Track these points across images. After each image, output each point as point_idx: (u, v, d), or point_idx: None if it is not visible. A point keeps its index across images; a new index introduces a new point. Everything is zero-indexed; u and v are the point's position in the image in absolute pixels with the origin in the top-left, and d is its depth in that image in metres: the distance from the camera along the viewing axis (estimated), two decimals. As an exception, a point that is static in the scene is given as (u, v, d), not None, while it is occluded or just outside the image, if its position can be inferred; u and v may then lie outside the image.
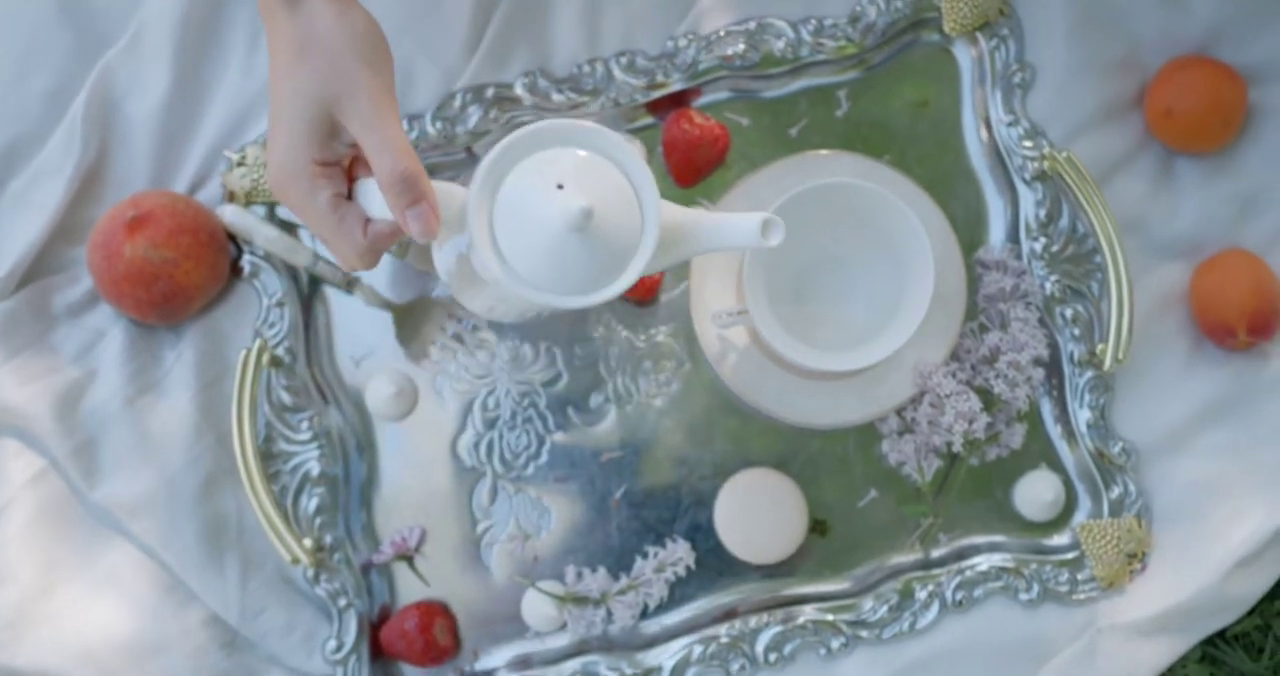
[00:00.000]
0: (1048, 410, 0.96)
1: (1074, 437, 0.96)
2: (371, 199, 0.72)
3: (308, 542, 0.92)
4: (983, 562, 0.95)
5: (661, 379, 0.96)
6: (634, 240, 0.70)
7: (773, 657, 0.93)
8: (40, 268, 0.94)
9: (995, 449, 0.95)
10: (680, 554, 0.94)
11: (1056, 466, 0.96)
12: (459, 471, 0.95)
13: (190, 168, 0.96)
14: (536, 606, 0.93)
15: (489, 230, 0.70)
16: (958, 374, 0.94)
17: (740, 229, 0.72)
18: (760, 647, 0.93)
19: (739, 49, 0.96)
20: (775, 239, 0.72)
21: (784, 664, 0.93)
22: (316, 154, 0.72)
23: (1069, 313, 0.96)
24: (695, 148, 0.95)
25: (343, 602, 0.93)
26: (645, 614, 0.94)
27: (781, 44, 0.97)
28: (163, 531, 0.91)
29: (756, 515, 0.94)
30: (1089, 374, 0.95)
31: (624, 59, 0.96)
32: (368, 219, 0.73)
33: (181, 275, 0.91)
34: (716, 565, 0.95)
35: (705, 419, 0.96)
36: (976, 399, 0.93)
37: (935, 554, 0.95)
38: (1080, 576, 0.94)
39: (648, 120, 0.97)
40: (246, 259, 0.95)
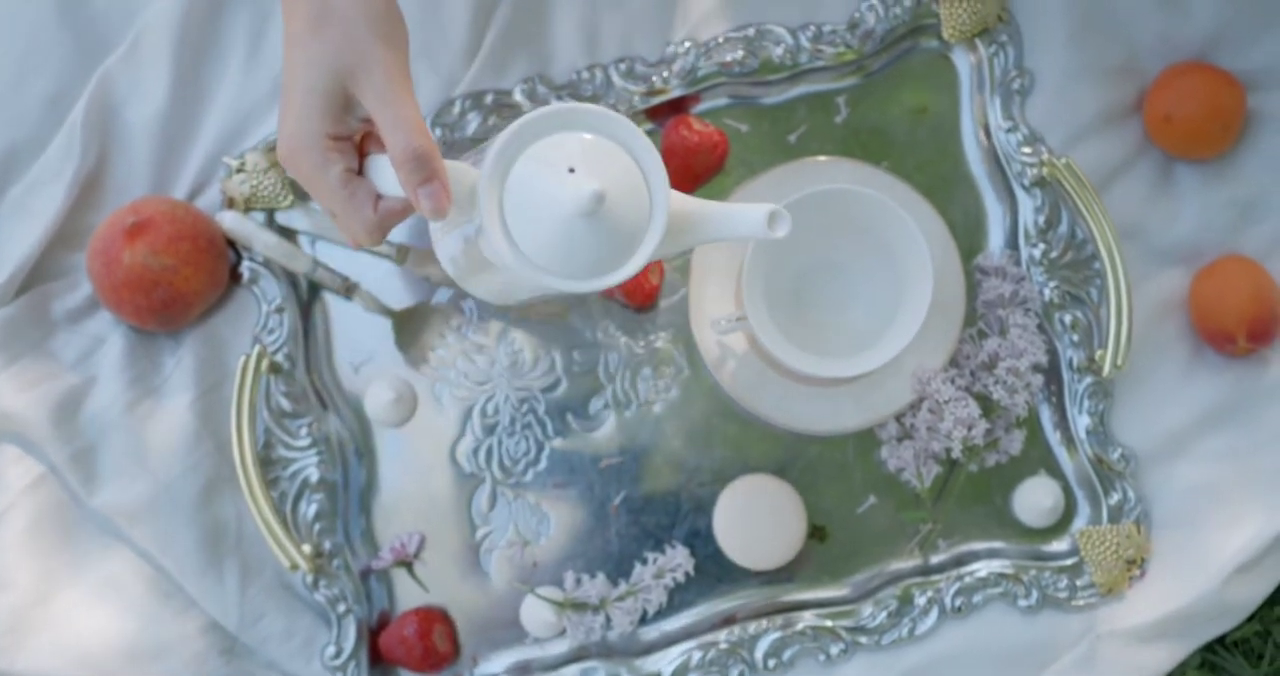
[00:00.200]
0: (1047, 416, 0.96)
1: (1073, 444, 0.96)
2: (383, 175, 0.71)
3: (307, 548, 0.92)
4: (982, 569, 0.94)
5: (660, 385, 0.96)
6: (642, 225, 0.70)
7: (772, 663, 0.93)
8: (40, 274, 0.94)
9: (994, 455, 0.95)
10: (679, 560, 0.94)
11: (1056, 472, 0.96)
12: (458, 477, 0.95)
13: (190, 174, 0.96)
14: (535, 612, 0.93)
15: (499, 213, 0.69)
16: (956, 380, 0.94)
17: (747, 219, 0.72)
18: (759, 653, 0.93)
19: (738, 55, 0.96)
20: (781, 230, 0.71)
21: (783, 670, 0.93)
22: (330, 127, 0.71)
23: (1068, 319, 0.96)
24: (694, 154, 0.95)
25: (342, 608, 0.93)
26: (644, 620, 0.94)
27: (780, 50, 0.97)
28: (162, 537, 0.91)
29: (755, 521, 0.94)
30: (1088, 380, 0.95)
31: (623, 65, 0.96)
32: (378, 195, 0.72)
33: (181, 281, 0.91)
34: (715, 571, 0.95)
35: (704, 425, 0.96)
36: (975, 405, 0.93)
37: (934, 560, 0.95)
38: (1079, 582, 0.94)
39: (647, 126, 0.97)
40: (246, 265, 0.95)
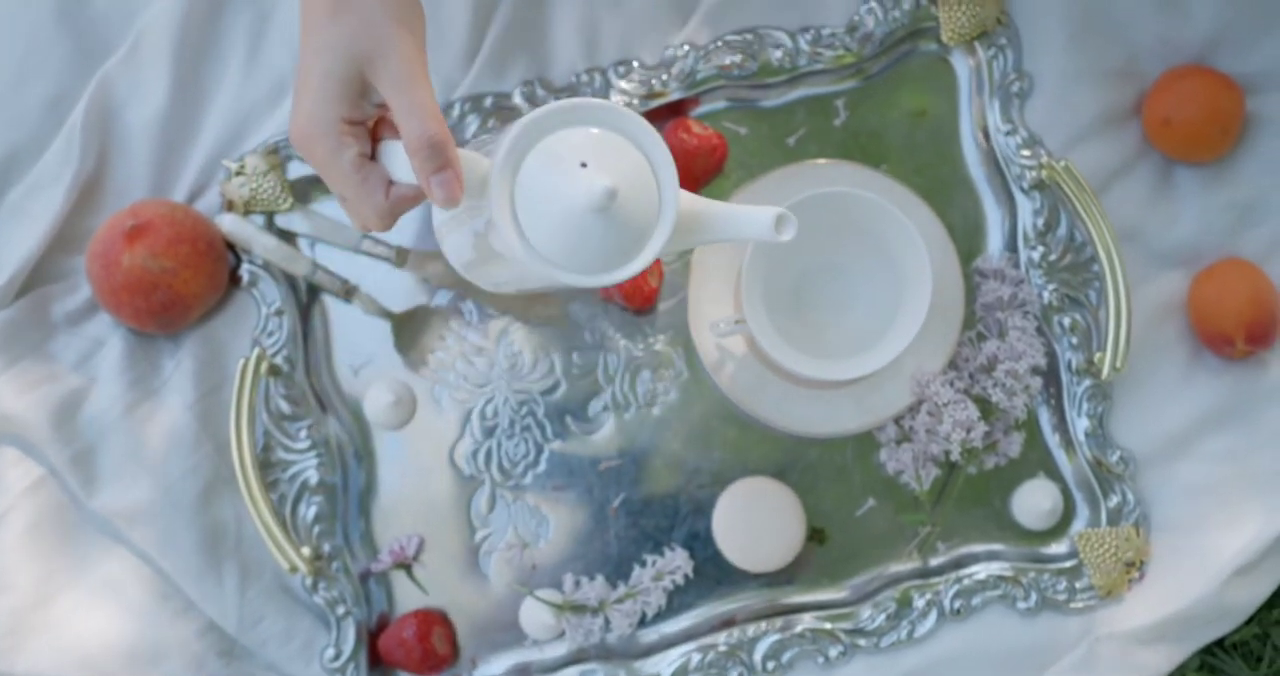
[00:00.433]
0: (1046, 419, 0.96)
1: (1072, 446, 0.96)
2: (396, 161, 0.71)
3: (306, 551, 0.92)
4: (981, 571, 0.95)
5: (660, 387, 0.96)
6: (651, 222, 0.70)
7: (771, 666, 0.93)
8: (39, 276, 0.94)
9: (993, 457, 0.95)
10: (678, 562, 0.94)
11: (1054, 475, 0.96)
12: (457, 480, 0.95)
13: (189, 177, 0.96)
14: (535, 615, 0.93)
15: (511, 206, 0.70)
16: (955, 382, 0.94)
17: (754, 221, 0.72)
18: (758, 656, 0.93)
19: (737, 58, 0.96)
20: (788, 234, 0.71)
21: (782, 672, 0.93)
22: (345, 112, 0.71)
23: (1067, 321, 0.96)
24: (693, 157, 0.95)
25: (341, 611, 0.93)
26: (643, 622, 0.94)
27: (779, 53, 0.97)
28: (161, 539, 0.91)
29: (755, 523, 0.94)
30: (1087, 382, 0.95)
31: (622, 68, 0.96)
32: (390, 181, 0.72)
33: (180, 284, 0.91)
34: (715, 573, 0.95)
35: (703, 427, 0.96)
36: (974, 408, 0.93)
37: (933, 562, 0.96)
38: (1078, 585, 0.94)
39: (646, 129, 0.97)
40: (245, 268, 0.95)
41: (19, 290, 0.94)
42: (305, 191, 0.96)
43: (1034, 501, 0.95)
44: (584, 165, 0.68)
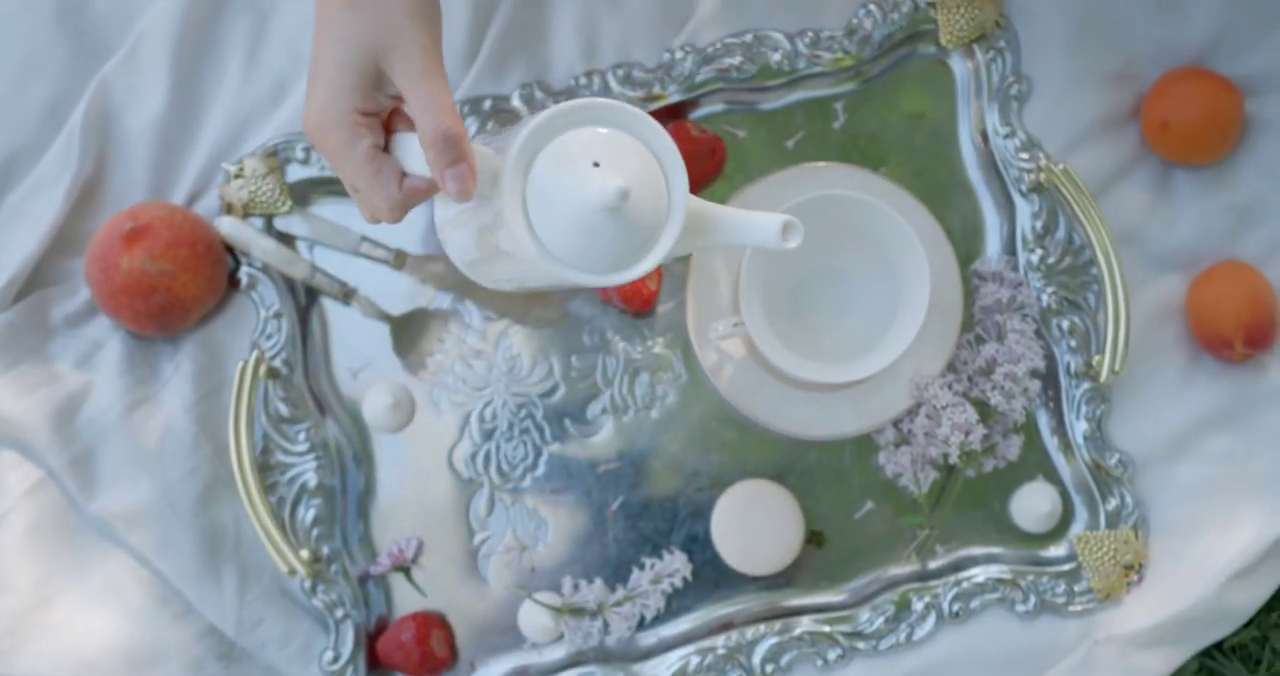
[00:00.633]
0: (1044, 422, 0.96)
1: (1070, 449, 0.96)
2: (409, 153, 0.71)
3: (305, 554, 0.92)
4: (979, 574, 0.95)
5: (658, 390, 0.96)
6: (660, 222, 0.70)
7: (770, 669, 0.93)
8: (38, 279, 0.94)
9: (992, 460, 0.95)
10: (677, 565, 0.94)
11: (1053, 478, 0.96)
12: (456, 483, 0.95)
13: (188, 179, 0.96)
14: (533, 617, 0.93)
15: (522, 204, 0.70)
16: (954, 385, 0.94)
17: (761, 227, 0.72)
18: (757, 659, 0.93)
19: (736, 61, 0.96)
20: (794, 242, 0.71)
21: (781, 675, 0.93)
22: (360, 103, 0.71)
23: (1065, 324, 0.96)
24: (692, 160, 0.94)
25: (340, 613, 0.93)
26: (642, 625, 0.94)
27: (778, 56, 0.97)
28: (160, 542, 0.91)
29: (753, 526, 0.94)
30: (1085, 385, 0.95)
31: (621, 71, 0.96)
32: (403, 173, 0.72)
33: (179, 287, 0.91)
34: (713, 576, 0.95)
35: (702, 430, 0.96)
36: (973, 410, 0.93)
37: (932, 565, 0.95)
38: (1077, 588, 0.94)
39: (646, 131, 0.97)
40: (244, 271, 0.95)
41: (18, 293, 0.94)
42: (304, 194, 0.96)
43: (1032, 504, 0.95)
44: (596, 165, 0.68)
